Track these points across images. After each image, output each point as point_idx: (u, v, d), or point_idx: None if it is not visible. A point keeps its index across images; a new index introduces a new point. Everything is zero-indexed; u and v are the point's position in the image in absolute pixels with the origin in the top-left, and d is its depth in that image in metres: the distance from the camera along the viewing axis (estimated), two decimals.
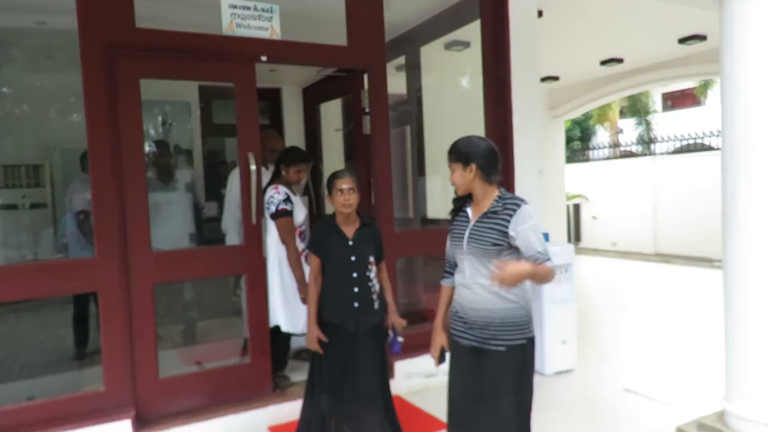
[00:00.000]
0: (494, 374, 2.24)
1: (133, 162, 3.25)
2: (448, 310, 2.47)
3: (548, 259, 2.16)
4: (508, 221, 2.20)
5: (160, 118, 6.23)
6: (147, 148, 4.65)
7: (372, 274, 2.87)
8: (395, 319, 2.96)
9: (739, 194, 2.96)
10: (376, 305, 2.87)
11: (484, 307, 2.25)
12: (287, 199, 3.66)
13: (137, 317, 3.25)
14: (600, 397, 3.85)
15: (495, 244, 2.21)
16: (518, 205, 2.22)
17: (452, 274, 2.44)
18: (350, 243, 2.83)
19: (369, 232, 2.92)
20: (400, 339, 2.94)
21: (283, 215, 3.62)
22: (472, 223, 2.31)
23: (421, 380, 4.02)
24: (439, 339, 2.46)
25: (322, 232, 2.90)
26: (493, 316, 2.23)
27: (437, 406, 3.67)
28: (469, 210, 2.35)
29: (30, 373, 4.24)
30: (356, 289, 2.81)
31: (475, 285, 2.27)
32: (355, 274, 2.81)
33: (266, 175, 3.88)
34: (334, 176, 2.84)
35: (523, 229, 2.18)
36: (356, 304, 2.81)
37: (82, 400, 3.15)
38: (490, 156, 2.29)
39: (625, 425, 3.41)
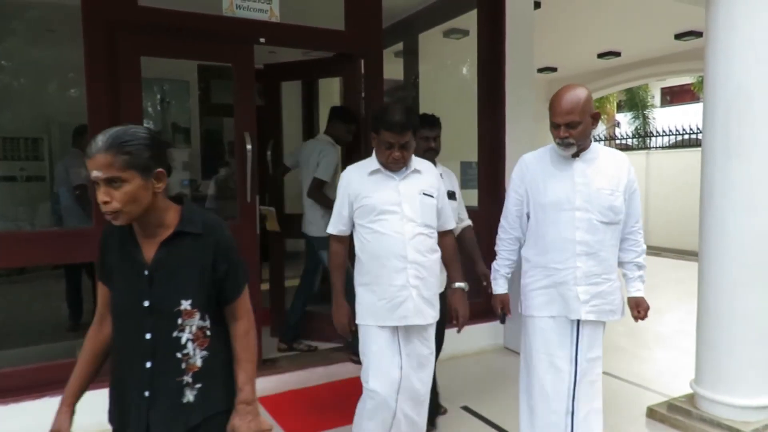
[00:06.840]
0: None
1: None
2: None
3: None
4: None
5: (159, 96, 6.29)
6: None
7: (186, 335, 1.48)
8: (241, 423, 1.50)
9: (716, 188, 3.05)
10: (191, 395, 1.49)
11: None
12: None
13: None
14: None
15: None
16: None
17: None
18: (146, 272, 1.47)
19: (191, 246, 1.49)
20: None
21: None
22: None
23: None
24: None
25: (110, 241, 1.55)
26: None
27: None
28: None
29: (26, 342, 4.34)
30: (149, 364, 1.48)
31: None
32: (149, 335, 1.47)
33: None
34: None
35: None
36: (147, 394, 1.48)
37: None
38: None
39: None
